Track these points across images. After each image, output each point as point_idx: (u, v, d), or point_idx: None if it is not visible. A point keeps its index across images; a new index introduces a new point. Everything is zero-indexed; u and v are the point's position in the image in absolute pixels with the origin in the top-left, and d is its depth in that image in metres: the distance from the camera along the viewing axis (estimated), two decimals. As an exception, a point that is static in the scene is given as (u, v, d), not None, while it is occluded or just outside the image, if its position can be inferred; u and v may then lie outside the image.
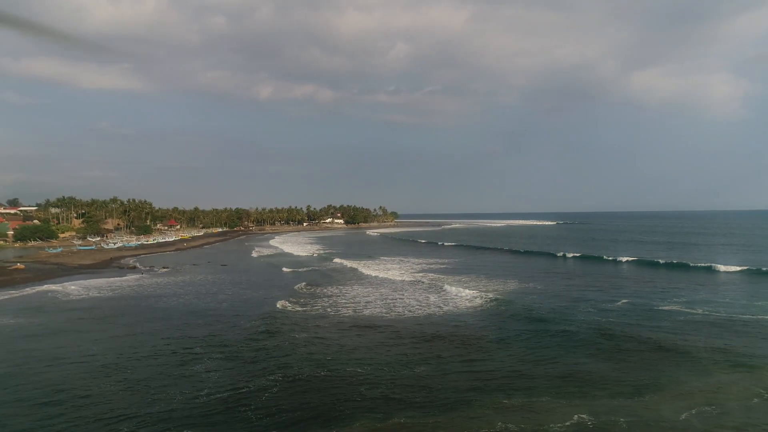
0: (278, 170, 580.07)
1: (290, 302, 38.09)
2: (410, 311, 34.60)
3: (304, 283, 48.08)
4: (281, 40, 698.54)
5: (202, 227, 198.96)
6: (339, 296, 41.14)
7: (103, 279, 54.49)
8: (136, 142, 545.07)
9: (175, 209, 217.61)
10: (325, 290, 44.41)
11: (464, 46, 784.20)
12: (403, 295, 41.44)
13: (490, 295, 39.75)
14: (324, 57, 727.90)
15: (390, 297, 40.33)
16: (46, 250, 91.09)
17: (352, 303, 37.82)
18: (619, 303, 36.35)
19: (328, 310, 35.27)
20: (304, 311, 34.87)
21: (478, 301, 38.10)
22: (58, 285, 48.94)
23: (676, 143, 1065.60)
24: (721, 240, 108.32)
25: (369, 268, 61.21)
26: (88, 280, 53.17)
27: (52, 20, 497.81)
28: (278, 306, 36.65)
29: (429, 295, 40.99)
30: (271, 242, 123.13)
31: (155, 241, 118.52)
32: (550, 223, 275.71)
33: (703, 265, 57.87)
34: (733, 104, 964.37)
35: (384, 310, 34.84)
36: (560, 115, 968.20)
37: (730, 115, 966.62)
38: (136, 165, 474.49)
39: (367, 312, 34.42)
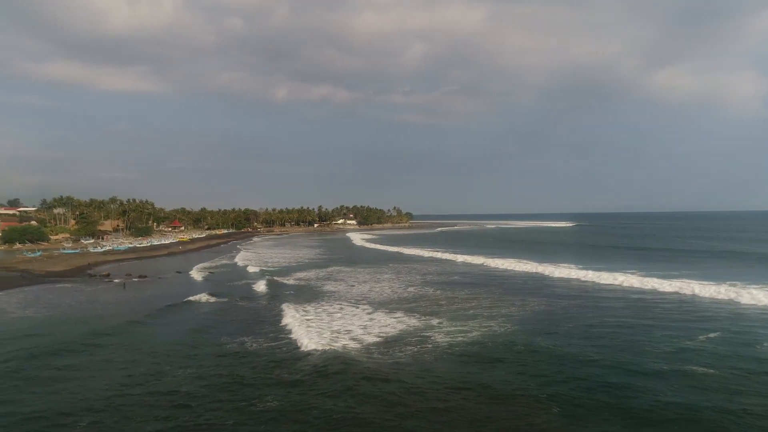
0: (292, 171, 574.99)
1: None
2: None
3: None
4: (297, 41, 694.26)
5: (207, 228, 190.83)
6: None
7: (57, 289, 45.28)
8: (154, 144, 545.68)
9: (182, 210, 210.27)
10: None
11: (480, 46, 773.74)
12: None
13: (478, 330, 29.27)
14: (340, 58, 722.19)
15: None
16: (24, 253, 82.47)
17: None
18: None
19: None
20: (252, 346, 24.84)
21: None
22: (-7, 300, 39.77)
23: (696, 142, 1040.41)
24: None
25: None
26: (37, 292, 44.00)
27: (72, 23, 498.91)
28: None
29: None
30: (241, 248, 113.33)
31: (149, 244, 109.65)
32: (564, 224, 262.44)
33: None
34: (755, 103, 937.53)
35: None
36: (578, 114, 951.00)
37: (752, 114, 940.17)
38: (154, 166, 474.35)
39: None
